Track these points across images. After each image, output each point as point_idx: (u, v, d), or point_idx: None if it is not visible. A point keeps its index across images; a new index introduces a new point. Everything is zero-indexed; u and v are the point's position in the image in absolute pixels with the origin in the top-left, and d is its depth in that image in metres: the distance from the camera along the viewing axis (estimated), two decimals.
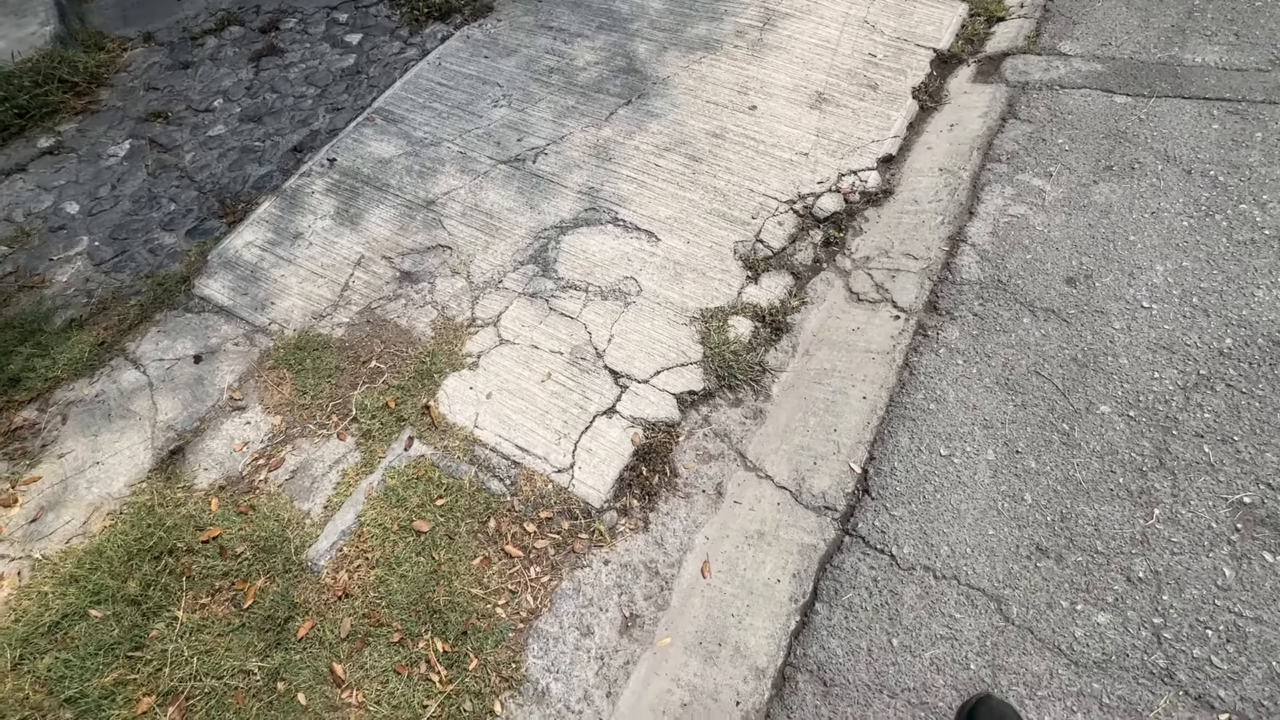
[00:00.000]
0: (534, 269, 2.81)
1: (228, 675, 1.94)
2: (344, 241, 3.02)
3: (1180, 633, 1.77)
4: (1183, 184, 2.67)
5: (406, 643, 1.99)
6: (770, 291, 2.68)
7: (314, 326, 2.75)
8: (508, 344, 2.60)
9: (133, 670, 1.95)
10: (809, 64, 3.44)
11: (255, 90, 3.86)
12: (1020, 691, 1.75)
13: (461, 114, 3.45)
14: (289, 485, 2.35)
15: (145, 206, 3.33)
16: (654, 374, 2.47)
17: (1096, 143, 2.89)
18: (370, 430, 2.42)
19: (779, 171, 3.03)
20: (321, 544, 2.18)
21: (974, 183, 2.88)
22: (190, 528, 2.22)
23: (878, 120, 3.18)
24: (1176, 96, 2.96)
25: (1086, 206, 2.69)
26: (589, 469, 2.28)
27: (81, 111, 3.87)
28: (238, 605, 2.07)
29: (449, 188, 3.14)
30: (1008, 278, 2.55)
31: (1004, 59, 3.36)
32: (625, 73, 3.53)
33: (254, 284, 2.92)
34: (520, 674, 1.94)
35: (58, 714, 1.89)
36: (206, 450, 2.46)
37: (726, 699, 1.86)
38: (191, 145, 3.59)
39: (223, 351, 2.72)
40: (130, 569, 2.13)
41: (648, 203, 2.97)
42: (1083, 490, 2.03)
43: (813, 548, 2.07)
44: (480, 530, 2.18)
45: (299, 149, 3.49)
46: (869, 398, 2.33)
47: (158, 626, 2.03)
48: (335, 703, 1.91)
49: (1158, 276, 2.44)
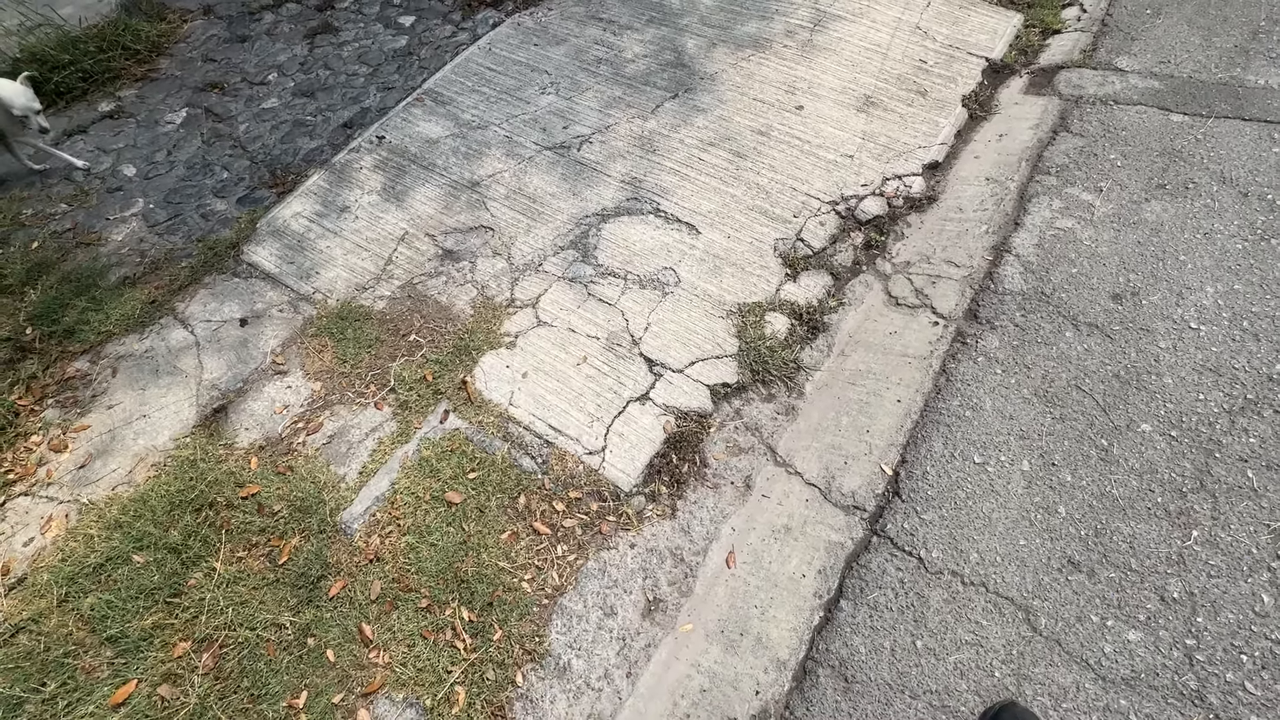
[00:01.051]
0: (574, 254, 2.84)
1: (261, 627, 1.99)
2: (389, 217, 3.07)
3: (1214, 656, 1.75)
4: (1238, 206, 2.62)
5: (434, 609, 2.03)
6: (809, 290, 2.68)
7: (356, 298, 2.80)
8: (545, 326, 2.63)
9: (171, 615, 2.02)
10: (858, 67, 3.43)
11: (309, 66, 3.94)
12: (1045, 702, 1.74)
13: (509, 99, 3.49)
14: (326, 449, 2.40)
15: (199, 173, 3.42)
16: (689, 364, 2.49)
17: (1150, 160, 2.84)
18: (407, 401, 2.47)
19: (823, 172, 3.02)
20: (355, 508, 2.23)
21: (1021, 194, 2.85)
22: (230, 483, 2.28)
23: (925, 126, 3.16)
24: (1236, 118, 2.90)
25: (1137, 224, 2.65)
26: (620, 453, 2.30)
27: (141, 79, 3.99)
28: (273, 561, 2.13)
29: (494, 170, 3.19)
30: (1051, 290, 2.52)
31: (1058, 71, 3.32)
32: (673, 67, 3.55)
33: (300, 253, 2.99)
34: (543, 648, 1.96)
35: (99, 651, 1.96)
36: (248, 410, 2.52)
37: (746, 688, 1.87)
38: (245, 116, 3.68)
39: (268, 317, 2.79)
40: (172, 519, 2.19)
41: (690, 195, 2.99)
42: (1119, 507, 2.01)
43: (840, 545, 2.07)
44: (510, 505, 2.22)
45: (349, 125, 3.56)
46: (903, 401, 2.32)
47: (196, 575, 2.09)
48: (363, 661, 1.95)
49: (1208, 298, 2.40)
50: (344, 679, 1.93)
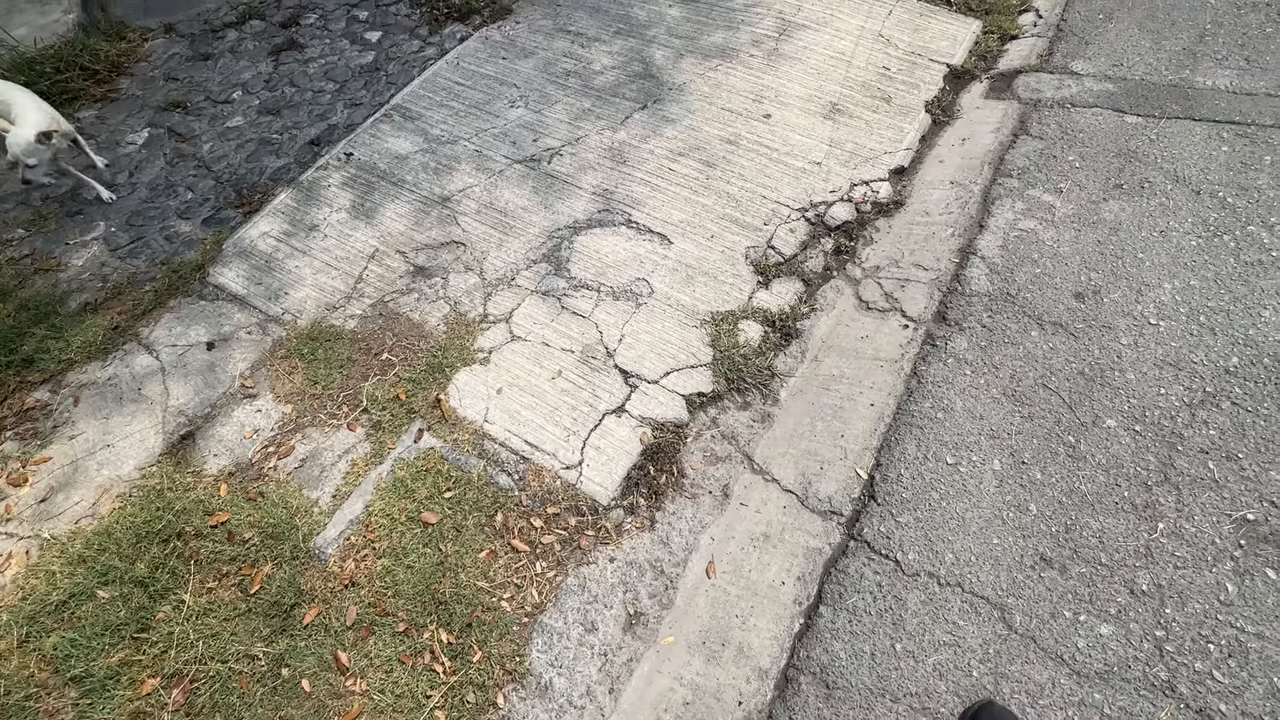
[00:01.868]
0: (547, 267, 2.84)
1: (233, 659, 1.95)
2: (359, 235, 3.04)
3: (1182, 646, 1.78)
4: (1191, 204, 2.70)
5: (412, 633, 2.00)
6: (781, 297, 2.70)
7: (327, 317, 2.77)
8: (519, 340, 2.62)
9: (138, 651, 1.96)
10: (824, 75, 3.48)
11: (274, 84, 3.89)
12: (1022, 700, 1.76)
13: (478, 113, 3.48)
14: (298, 473, 2.36)
15: (162, 194, 3.36)
16: (664, 375, 2.49)
17: (1107, 161, 2.92)
18: (380, 421, 2.44)
19: (792, 179, 3.06)
20: (329, 532, 2.19)
21: (985, 196, 2.90)
22: (199, 512, 2.23)
23: (890, 132, 3.21)
24: (1187, 118, 3.00)
25: (1096, 223, 2.72)
26: (597, 467, 2.29)
27: (101, 99, 3.91)
28: (244, 590, 2.08)
29: (464, 185, 3.17)
30: (1016, 291, 2.57)
31: (1017, 76, 3.40)
32: (641, 78, 3.57)
33: (268, 274, 2.94)
34: (524, 668, 1.94)
35: (63, 692, 1.90)
36: (217, 436, 2.47)
37: (729, 699, 1.87)
38: (209, 135, 3.63)
39: (235, 339, 2.74)
40: (138, 551, 2.14)
41: (661, 206, 3.00)
42: (1088, 502, 2.05)
43: (818, 551, 2.08)
44: (488, 524, 2.20)
45: (316, 143, 3.53)
46: (877, 405, 2.35)
47: (164, 609, 2.04)
48: (339, 690, 1.92)
49: (1165, 294, 2.47)
50: (320, 709, 1.89)
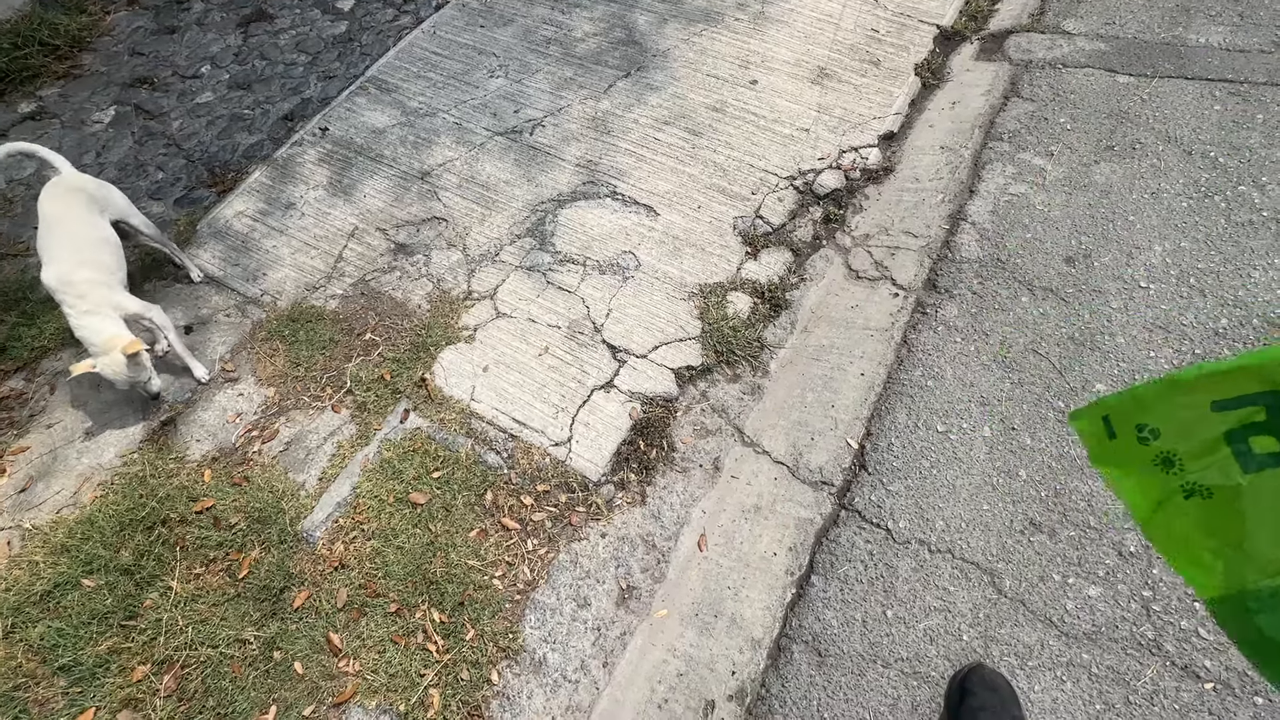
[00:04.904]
0: (531, 242, 2.78)
1: (223, 644, 1.93)
2: (337, 213, 2.96)
3: (1169, 605, 1.80)
4: (1183, 165, 2.67)
5: (403, 613, 1.99)
6: (769, 268, 2.66)
7: (307, 298, 2.70)
8: (505, 317, 2.57)
9: (127, 639, 1.94)
10: (811, 39, 3.39)
11: (244, 57, 3.76)
12: (1011, 662, 1.78)
13: (457, 84, 3.38)
14: (283, 457, 2.33)
15: (132, 174, 3.25)
16: (652, 349, 2.46)
17: (1098, 122, 2.87)
18: (365, 403, 2.40)
19: (779, 147, 2.99)
20: (317, 515, 2.17)
21: (975, 161, 2.86)
22: (183, 498, 2.20)
23: (880, 97, 3.14)
24: (1179, 77, 2.94)
25: (1087, 186, 2.68)
26: (586, 443, 2.27)
27: (64, 76, 3.76)
28: (233, 576, 2.06)
29: (444, 159, 3.09)
30: (1007, 256, 2.55)
31: (1007, 36, 3.32)
32: (624, 44, 3.47)
33: (245, 254, 2.87)
34: (517, 644, 1.94)
35: (51, 681, 1.89)
36: (199, 421, 2.43)
37: (722, 669, 1.88)
38: (179, 112, 3.50)
39: (214, 322, 2.68)
40: (123, 539, 2.11)
41: (647, 177, 2.94)
42: (1077, 467, 2.05)
43: (809, 522, 2.08)
44: (477, 503, 2.18)
45: (290, 117, 3.41)
46: (867, 374, 2.33)
47: (152, 596, 2.01)
48: (332, 671, 1.91)
49: (1156, 257, 2.45)
50: (314, 691, 1.88)
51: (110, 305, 2.21)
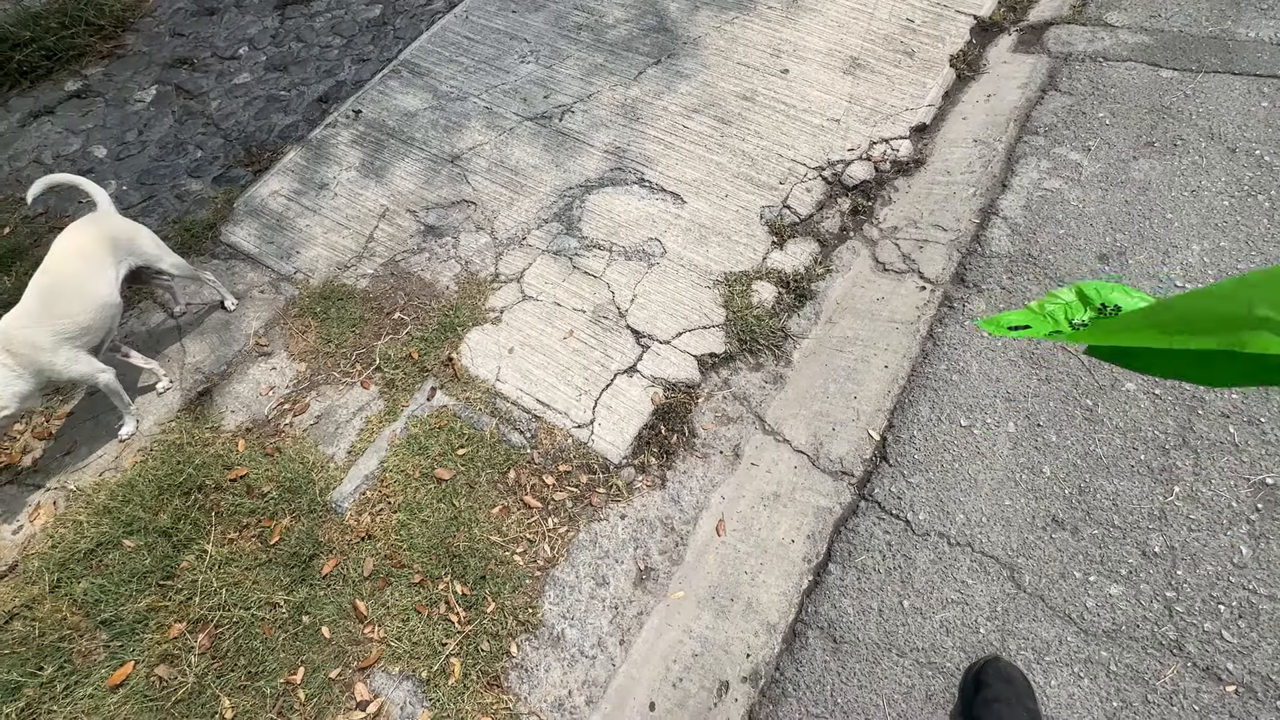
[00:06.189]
0: (558, 227, 2.80)
1: (255, 607, 2.01)
2: (369, 194, 3.02)
3: (1192, 607, 1.78)
4: (1226, 163, 2.60)
5: (427, 584, 2.04)
6: (795, 258, 2.66)
7: (338, 276, 2.76)
8: (531, 300, 2.61)
9: (164, 598, 2.03)
10: (844, 28, 3.35)
11: (281, 39, 3.82)
12: (1028, 656, 1.78)
13: (488, 69, 3.41)
14: (314, 430, 2.39)
15: (172, 153, 3.34)
16: (676, 335, 2.47)
17: (1139, 118, 2.81)
18: (394, 380, 2.45)
19: (809, 137, 2.98)
20: (345, 487, 2.23)
21: (1009, 155, 2.81)
22: (218, 466, 2.27)
23: (913, 88, 3.10)
24: (1226, 72, 2.86)
25: (1124, 183, 2.63)
26: (608, 426, 2.30)
27: (107, 56, 3.87)
28: (264, 541, 2.13)
29: (474, 143, 3.12)
30: (1039, 252, 2.51)
31: (1047, 28, 3.26)
32: (655, 31, 3.46)
33: (279, 233, 2.93)
34: (536, 619, 1.99)
35: (94, 634, 1.97)
36: (233, 393, 2.50)
37: (737, 651, 1.90)
38: (217, 93, 3.58)
39: (249, 298, 2.75)
40: (161, 503, 2.19)
41: (675, 164, 2.94)
42: (1103, 465, 2.03)
43: (828, 511, 2.09)
44: (500, 481, 2.22)
45: (325, 99, 3.47)
46: (891, 367, 2.33)
47: (188, 558, 2.09)
48: (358, 637, 1.97)
49: (1193, 255, 2.40)
50: (340, 654, 1.95)
51: (36, 369, 2.07)
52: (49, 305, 2.11)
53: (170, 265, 2.45)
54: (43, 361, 2.10)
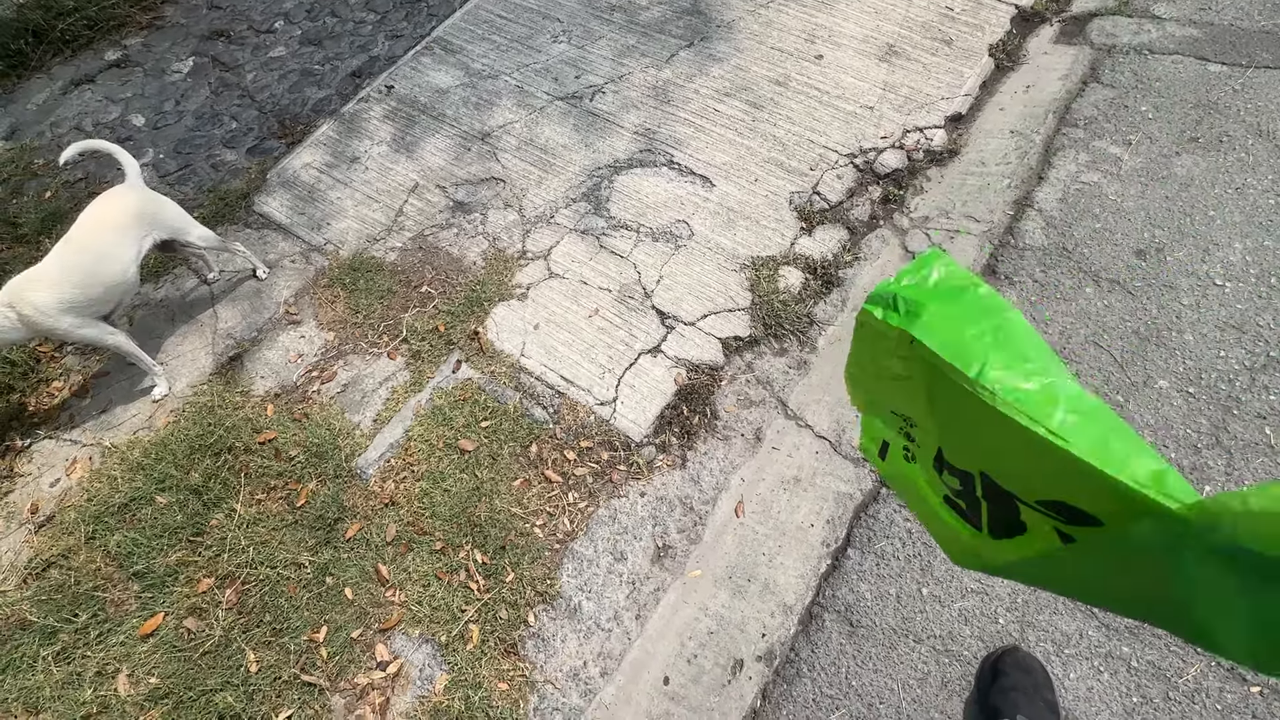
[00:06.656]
0: (586, 206, 2.81)
1: (281, 566, 2.05)
2: (399, 168, 3.04)
3: None
4: (1273, 160, 2.53)
5: (448, 551, 2.07)
6: (823, 245, 2.64)
7: (368, 249, 2.80)
8: (557, 278, 2.62)
9: (194, 553, 2.08)
10: (881, 14, 3.30)
11: (315, 14, 3.85)
12: (1047, 648, 1.77)
13: (520, 48, 3.41)
14: (340, 398, 2.43)
15: (208, 123, 3.39)
16: (701, 317, 2.47)
17: (1184, 112, 2.74)
18: (420, 351, 2.48)
19: (841, 124, 2.94)
20: (370, 454, 2.27)
21: (1046, 147, 2.76)
22: (248, 429, 2.32)
23: (949, 77, 3.05)
24: (1278, 68, 2.78)
25: (1166, 178, 2.57)
26: (631, 404, 2.31)
27: (146, 27, 3.93)
28: (291, 503, 2.18)
29: (505, 121, 3.13)
30: (1074, 246, 2.47)
31: (1090, 19, 3.18)
32: (689, 14, 3.44)
33: (311, 204, 2.97)
34: (554, 590, 2.01)
35: (126, 585, 2.03)
36: (264, 359, 2.55)
37: (753, 630, 1.91)
38: (253, 65, 3.62)
39: (280, 267, 2.80)
40: (193, 462, 2.24)
41: (704, 147, 2.93)
42: None
43: (849, 496, 2.08)
44: (522, 454, 2.24)
45: (358, 74, 3.50)
46: None
47: (217, 516, 2.14)
48: (379, 600, 2.01)
49: (1235, 254, 2.34)
50: (362, 615, 1.99)
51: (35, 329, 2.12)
52: (66, 274, 2.15)
53: (197, 237, 2.48)
54: (44, 325, 2.14)
